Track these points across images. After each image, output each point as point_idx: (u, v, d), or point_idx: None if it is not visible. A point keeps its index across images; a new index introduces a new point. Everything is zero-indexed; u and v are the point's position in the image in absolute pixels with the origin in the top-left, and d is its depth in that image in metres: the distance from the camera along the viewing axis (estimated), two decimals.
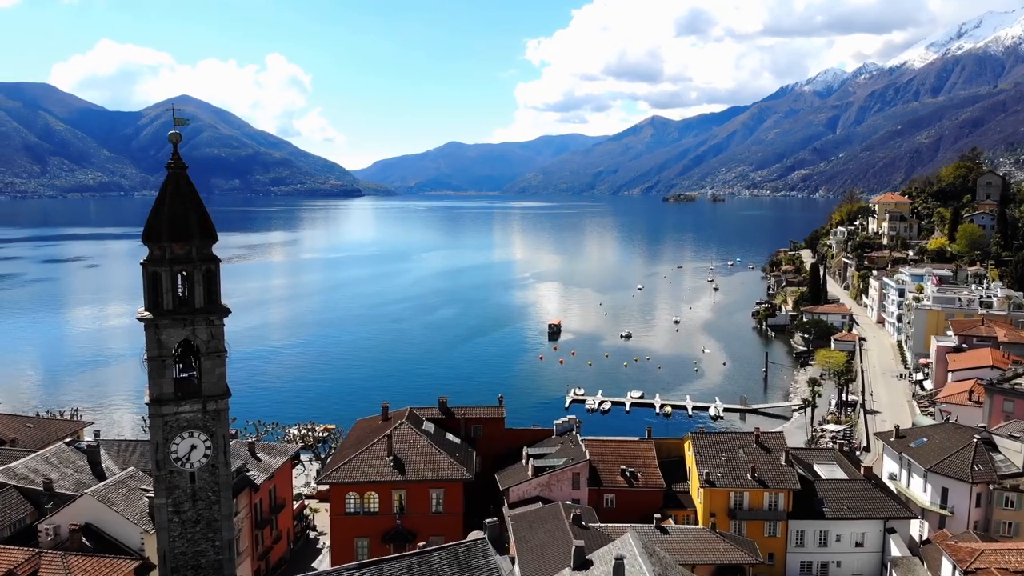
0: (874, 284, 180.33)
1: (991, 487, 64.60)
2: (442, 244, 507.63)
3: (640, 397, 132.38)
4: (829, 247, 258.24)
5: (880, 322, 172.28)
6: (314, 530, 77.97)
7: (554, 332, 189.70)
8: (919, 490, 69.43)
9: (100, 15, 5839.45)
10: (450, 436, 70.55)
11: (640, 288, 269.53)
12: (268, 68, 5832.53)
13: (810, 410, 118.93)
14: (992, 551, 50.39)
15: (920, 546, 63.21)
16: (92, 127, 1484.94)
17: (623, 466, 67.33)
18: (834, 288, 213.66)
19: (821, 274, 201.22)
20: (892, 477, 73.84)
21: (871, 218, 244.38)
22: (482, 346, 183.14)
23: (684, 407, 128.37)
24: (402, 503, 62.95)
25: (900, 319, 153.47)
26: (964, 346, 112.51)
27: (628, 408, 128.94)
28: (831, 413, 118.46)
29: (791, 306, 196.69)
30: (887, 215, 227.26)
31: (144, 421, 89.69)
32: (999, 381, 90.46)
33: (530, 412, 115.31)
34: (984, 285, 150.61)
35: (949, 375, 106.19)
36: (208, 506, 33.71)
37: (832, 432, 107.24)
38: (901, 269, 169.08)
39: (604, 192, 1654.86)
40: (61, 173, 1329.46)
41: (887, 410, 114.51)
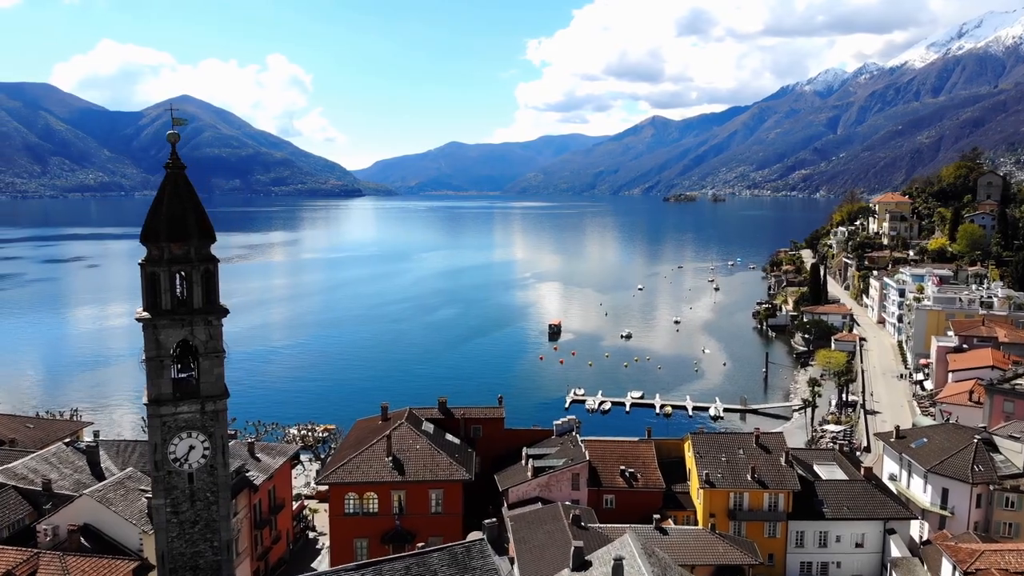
0: (874, 284, 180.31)
1: (991, 488, 64.57)
2: (442, 244, 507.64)
3: (640, 397, 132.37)
4: (830, 247, 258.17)
5: (880, 322, 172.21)
6: (313, 531, 77.93)
7: (554, 332, 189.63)
8: (919, 491, 69.39)
9: (101, 15, 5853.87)
10: (449, 436, 70.47)
11: (640, 288, 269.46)
12: (269, 68, 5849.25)
13: (810, 410, 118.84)
14: (992, 552, 50.38)
15: (920, 547, 63.13)
16: (93, 127, 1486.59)
17: (623, 467, 67.30)
18: (834, 288, 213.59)
19: (822, 274, 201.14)
20: (892, 478, 73.77)
21: (872, 218, 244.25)
22: (482, 346, 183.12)
23: (684, 407, 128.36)
24: (401, 504, 62.92)
25: (900, 319, 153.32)
26: (964, 346, 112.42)
27: (628, 408, 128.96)
28: (831, 413, 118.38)
29: (791, 306, 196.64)
30: (888, 215, 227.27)
31: (144, 421, 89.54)
32: (999, 381, 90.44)
33: (530, 412, 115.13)
34: (985, 285, 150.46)
35: (949, 375, 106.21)
36: (206, 507, 33.61)
37: (832, 432, 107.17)
38: (902, 269, 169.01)
39: (605, 192, 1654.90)
40: (62, 173, 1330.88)
41: (887, 410, 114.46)
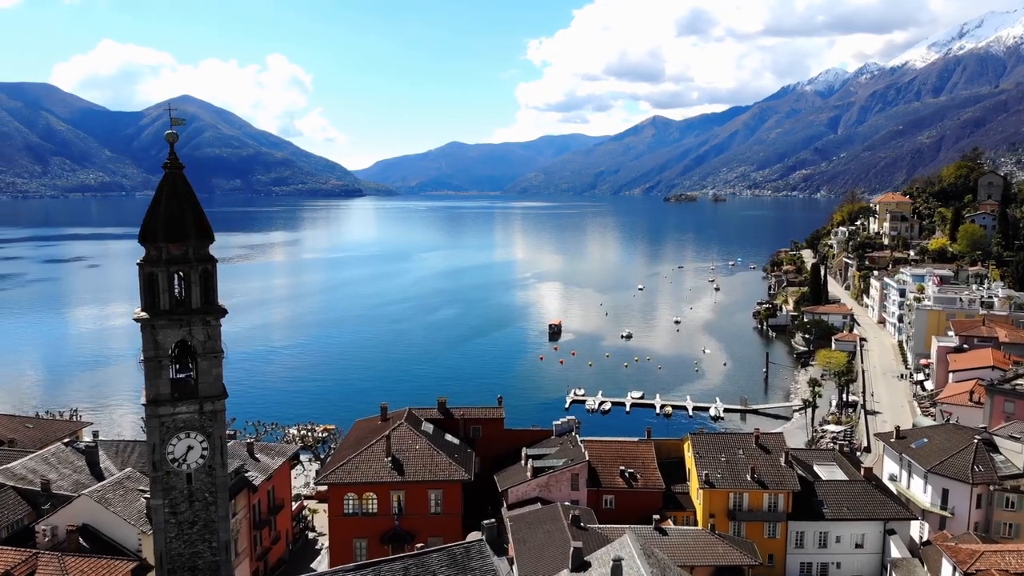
0: (875, 284, 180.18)
1: (991, 488, 64.50)
2: (443, 244, 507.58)
3: (640, 397, 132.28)
4: (830, 247, 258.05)
5: (881, 322, 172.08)
6: (313, 531, 77.87)
7: (554, 332, 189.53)
8: (919, 491, 69.31)
9: (101, 15, 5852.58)
10: (449, 437, 70.40)
11: (641, 288, 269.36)
12: (269, 68, 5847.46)
13: (810, 411, 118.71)
14: (992, 552, 50.32)
15: (920, 547, 63.03)
16: (93, 127, 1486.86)
17: (622, 467, 67.23)
18: (835, 288, 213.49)
19: (822, 274, 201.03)
20: (892, 478, 73.68)
21: (872, 218, 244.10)
22: (482, 346, 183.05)
23: (684, 407, 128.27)
24: (401, 504, 62.87)
25: (901, 319, 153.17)
26: (965, 346, 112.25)
27: (628, 408, 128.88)
28: (831, 414, 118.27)
29: (792, 306, 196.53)
30: (888, 215, 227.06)
31: (143, 421, 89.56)
32: (1000, 382, 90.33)
33: (530, 412, 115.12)
34: (985, 285, 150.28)
35: (950, 375, 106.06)
36: (205, 507, 33.54)
37: (832, 433, 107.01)
38: (902, 269, 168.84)
39: (605, 192, 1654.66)
40: (62, 173, 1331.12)
41: (888, 411, 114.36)
